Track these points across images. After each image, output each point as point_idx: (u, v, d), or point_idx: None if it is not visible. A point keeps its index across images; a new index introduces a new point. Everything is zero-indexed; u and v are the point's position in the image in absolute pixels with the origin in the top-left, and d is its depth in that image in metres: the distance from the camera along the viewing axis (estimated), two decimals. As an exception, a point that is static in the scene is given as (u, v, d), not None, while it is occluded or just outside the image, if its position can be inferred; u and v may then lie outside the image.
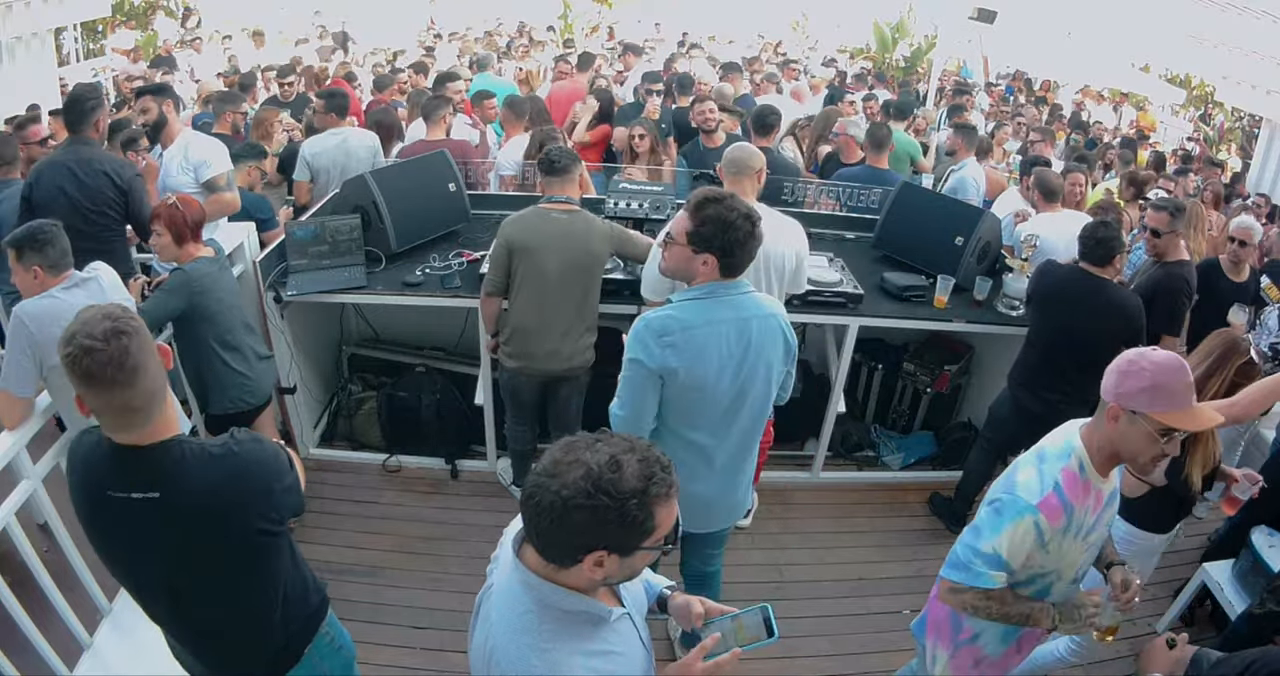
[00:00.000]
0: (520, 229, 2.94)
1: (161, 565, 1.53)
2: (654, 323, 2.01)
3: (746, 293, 2.09)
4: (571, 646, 1.21)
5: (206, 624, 1.63)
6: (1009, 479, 1.76)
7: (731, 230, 1.93)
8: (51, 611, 2.25)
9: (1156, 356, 1.63)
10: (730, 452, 2.20)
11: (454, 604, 2.93)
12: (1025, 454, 1.82)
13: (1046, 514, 1.67)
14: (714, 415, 2.11)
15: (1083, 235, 3.00)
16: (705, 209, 1.95)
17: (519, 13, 12.62)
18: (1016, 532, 1.67)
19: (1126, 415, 1.64)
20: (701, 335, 2.00)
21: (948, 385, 3.94)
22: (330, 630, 1.82)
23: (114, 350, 1.35)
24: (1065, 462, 1.72)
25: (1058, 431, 1.84)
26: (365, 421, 3.86)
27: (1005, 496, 1.73)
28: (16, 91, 6.65)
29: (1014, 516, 1.68)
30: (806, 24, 15.08)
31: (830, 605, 3.10)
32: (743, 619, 1.42)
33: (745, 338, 2.05)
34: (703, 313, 2.02)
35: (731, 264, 2.00)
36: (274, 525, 1.56)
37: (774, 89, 7.31)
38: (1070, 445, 1.74)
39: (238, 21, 11.08)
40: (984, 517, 1.75)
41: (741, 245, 1.97)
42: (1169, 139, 11.10)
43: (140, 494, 1.44)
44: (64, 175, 3.12)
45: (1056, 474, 1.70)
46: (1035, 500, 1.67)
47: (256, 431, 1.69)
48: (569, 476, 1.12)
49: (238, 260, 3.28)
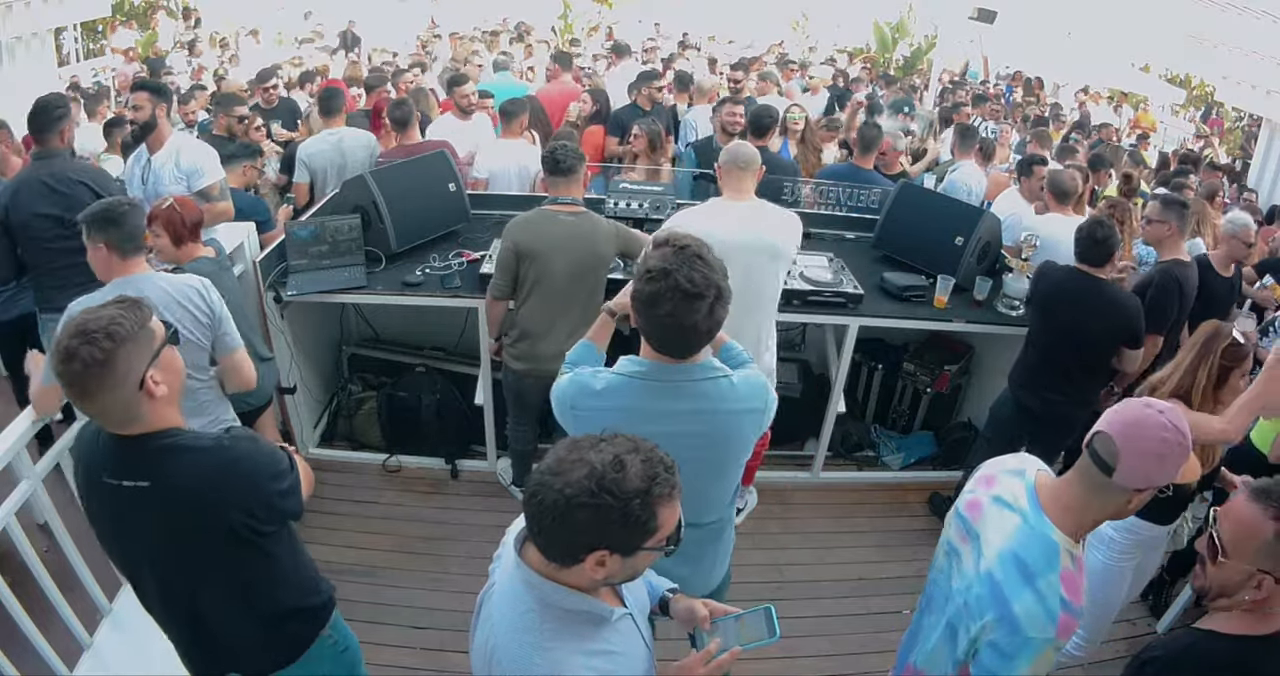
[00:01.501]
0: (528, 233, 2.93)
1: (149, 553, 1.57)
2: (569, 387, 1.74)
3: (708, 378, 1.68)
4: (573, 646, 1.21)
5: (194, 615, 1.63)
6: (1003, 611, 1.42)
7: (656, 306, 1.56)
8: (51, 611, 2.25)
9: (1177, 422, 1.37)
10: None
11: (454, 604, 2.93)
12: (995, 561, 1.47)
13: (1064, 635, 1.41)
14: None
15: (1079, 236, 3.00)
16: (644, 282, 1.58)
17: (519, 13, 12.61)
18: (1040, 662, 1.42)
19: (1152, 491, 1.42)
20: (611, 419, 1.38)
21: (948, 385, 3.94)
22: (334, 633, 1.82)
23: (86, 360, 1.37)
24: (1059, 571, 1.43)
25: (1004, 508, 1.53)
26: (365, 421, 3.86)
27: (1008, 637, 1.42)
28: (16, 91, 6.65)
29: (1031, 653, 1.41)
30: (806, 24, 15.08)
31: (830, 605, 3.10)
32: (746, 619, 1.43)
33: (690, 434, 1.65)
34: (632, 396, 1.67)
35: (663, 345, 1.66)
36: (260, 524, 1.55)
37: (774, 89, 7.31)
38: (1053, 544, 1.45)
39: (238, 22, 11.07)
40: (993, 661, 1.44)
41: (670, 327, 1.59)
42: (1169, 139, 11.10)
43: (131, 482, 1.48)
44: (39, 192, 2.97)
45: (1057, 590, 1.41)
46: (1051, 632, 1.39)
47: (257, 431, 1.70)
48: (572, 475, 1.13)
49: (238, 260, 3.27)
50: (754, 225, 2.78)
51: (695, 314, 1.56)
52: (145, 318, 1.47)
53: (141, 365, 1.43)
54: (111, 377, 1.39)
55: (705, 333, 1.61)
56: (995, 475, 1.62)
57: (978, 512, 1.59)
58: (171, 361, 1.52)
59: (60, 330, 1.42)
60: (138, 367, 1.43)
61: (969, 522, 1.60)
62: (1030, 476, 1.55)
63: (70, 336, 1.38)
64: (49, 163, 3.05)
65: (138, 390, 1.43)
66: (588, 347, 1.96)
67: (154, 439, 1.48)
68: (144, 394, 1.44)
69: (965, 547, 1.59)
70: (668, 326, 1.59)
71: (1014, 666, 1.41)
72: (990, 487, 1.60)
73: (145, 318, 1.47)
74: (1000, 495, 1.56)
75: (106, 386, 1.40)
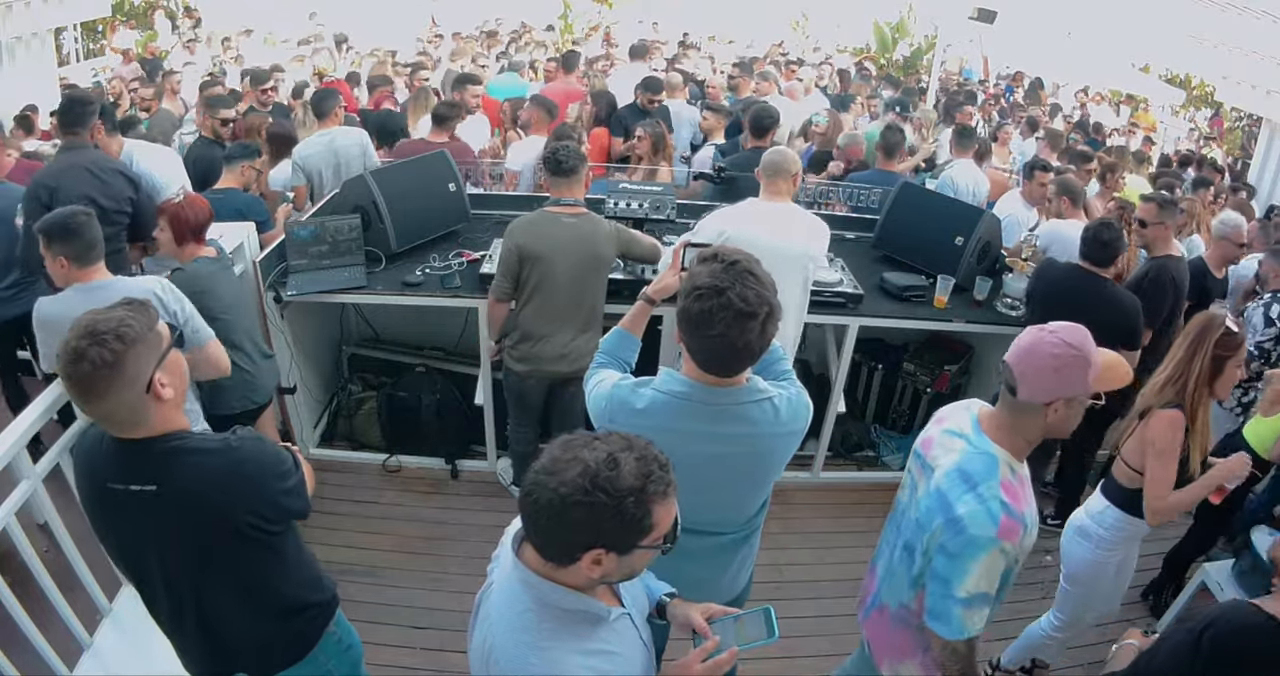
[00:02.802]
0: (531, 235, 2.92)
1: (158, 557, 1.56)
2: (609, 400, 1.69)
3: (753, 401, 1.63)
4: (570, 645, 1.21)
5: (203, 618, 1.63)
6: (948, 515, 1.56)
7: (708, 326, 1.50)
8: (51, 611, 2.25)
9: (1069, 337, 1.52)
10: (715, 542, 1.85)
11: (454, 604, 2.93)
12: (941, 477, 1.61)
13: (1008, 537, 1.52)
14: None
15: (1085, 235, 3.02)
16: (693, 299, 1.52)
17: (519, 13, 12.60)
18: (987, 565, 1.52)
19: (1063, 402, 1.53)
20: (651, 439, 1.26)
21: (948, 385, 3.94)
22: (338, 630, 1.83)
23: (95, 361, 1.36)
24: (997, 478, 1.56)
25: (952, 436, 1.69)
26: (365, 421, 3.86)
27: (954, 538, 1.54)
28: (16, 91, 6.66)
29: (976, 553, 1.52)
30: (806, 24, 15.07)
31: (830, 605, 3.09)
32: (745, 619, 1.42)
33: (732, 455, 1.65)
34: (674, 417, 1.62)
35: (710, 365, 1.60)
36: (267, 524, 1.55)
37: (775, 89, 7.31)
38: (992, 456, 1.59)
39: (238, 22, 11.06)
40: (943, 565, 1.56)
41: (721, 347, 1.53)
42: (1169, 139, 11.09)
43: (138, 486, 1.47)
44: (85, 178, 2.99)
45: (997, 494, 1.54)
46: (993, 531, 1.51)
47: (259, 431, 1.70)
48: (567, 474, 1.13)
49: (238, 260, 3.27)
50: (786, 232, 2.88)
51: (749, 333, 1.49)
52: (154, 319, 1.47)
53: (149, 367, 1.43)
54: (120, 379, 1.39)
55: (757, 352, 1.56)
56: (946, 415, 1.80)
57: (929, 446, 1.75)
58: (177, 364, 1.52)
59: (69, 331, 1.41)
60: (146, 370, 1.42)
61: (923, 457, 1.76)
62: (974, 409, 1.73)
63: (79, 337, 1.37)
64: (84, 152, 3.07)
65: (145, 393, 1.42)
66: (623, 336, 1.92)
67: (159, 442, 1.48)
68: (151, 396, 1.44)
69: (920, 478, 1.74)
70: (719, 347, 1.52)
71: (961, 565, 1.53)
72: (941, 424, 1.77)
73: (154, 319, 1.47)
74: (949, 427, 1.73)
75: (115, 388, 1.39)
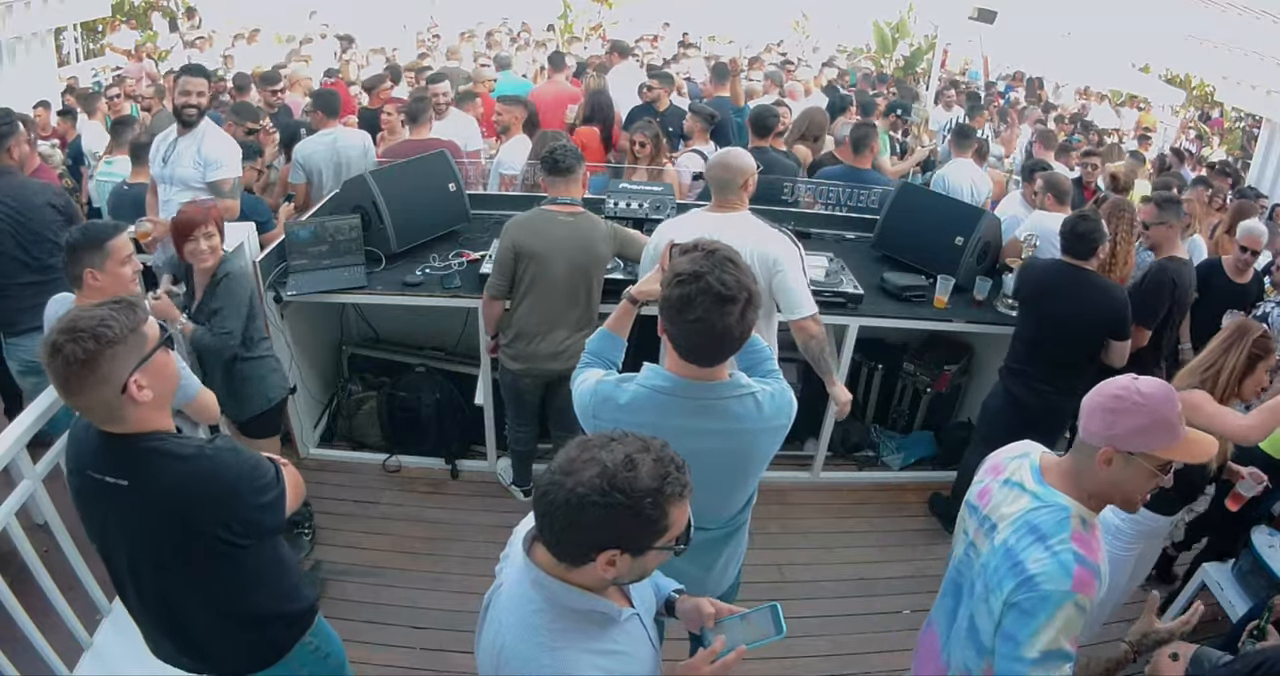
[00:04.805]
0: (527, 233, 2.93)
1: (125, 550, 1.57)
2: (593, 395, 1.70)
3: (735, 396, 1.66)
4: (581, 645, 1.21)
5: (169, 614, 1.63)
6: (1021, 576, 1.43)
7: (687, 310, 1.52)
8: (51, 611, 2.25)
9: (1144, 387, 1.43)
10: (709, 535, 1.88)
11: (454, 604, 2.93)
12: (1008, 534, 1.50)
13: (1083, 590, 1.40)
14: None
15: (1063, 230, 3.04)
16: (674, 285, 1.55)
17: (519, 12, 12.60)
18: (1063, 621, 1.39)
19: (1122, 457, 1.44)
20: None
21: (948, 385, 3.94)
22: (314, 639, 1.80)
23: (68, 358, 1.37)
24: (1069, 531, 1.45)
25: (1013, 488, 1.57)
26: (365, 421, 3.85)
27: (1027, 595, 1.41)
28: (16, 91, 6.64)
29: (1052, 609, 1.39)
30: (807, 24, 15.07)
31: (831, 605, 3.10)
32: (751, 617, 1.42)
33: (714, 451, 1.66)
34: (656, 412, 1.64)
35: (691, 353, 1.61)
36: (236, 537, 1.53)
37: (776, 90, 7.31)
38: (1063, 508, 1.48)
39: (238, 22, 11.06)
40: (1013, 623, 1.43)
41: (701, 333, 1.54)
42: (1168, 138, 11.09)
43: (112, 478, 1.48)
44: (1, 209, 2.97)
45: (1070, 548, 1.42)
46: (1068, 584, 1.39)
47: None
48: (584, 474, 1.12)
49: (238, 259, 3.27)
50: (745, 240, 2.43)
51: (728, 317, 1.52)
52: (138, 321, 1.46)
53: (126, 369, 1.42)
54: (92, 377, 1.39)
55: (737, 338, 1.57)
56: (1001, 463, 1.66)
57: (987, 499, 1.62)
58: (163, 367, 1.51)
59: (55, 322, 1.43)
60: (121, 371, 1.41)
61: (980, 511, 1.63)
62: (1034, 457, 1.60)
63: (59, 331, 1.39)
64: (3, 179, 3.04)
65: (119, 393, 1.42)
66: (608, 337, 1.93)
67: (138, 440, 1.48)
68: (126, 397, 1.43)
69: (980, 536, 1.61)
70: (699, 332, 1.54)
71: (1034, 622, 1.39)
72: (998, 475, 1.64)
73: (138, 321, 1.46)
74: (1008, 478, 1.60)
75: (88, 385, 1.39)
